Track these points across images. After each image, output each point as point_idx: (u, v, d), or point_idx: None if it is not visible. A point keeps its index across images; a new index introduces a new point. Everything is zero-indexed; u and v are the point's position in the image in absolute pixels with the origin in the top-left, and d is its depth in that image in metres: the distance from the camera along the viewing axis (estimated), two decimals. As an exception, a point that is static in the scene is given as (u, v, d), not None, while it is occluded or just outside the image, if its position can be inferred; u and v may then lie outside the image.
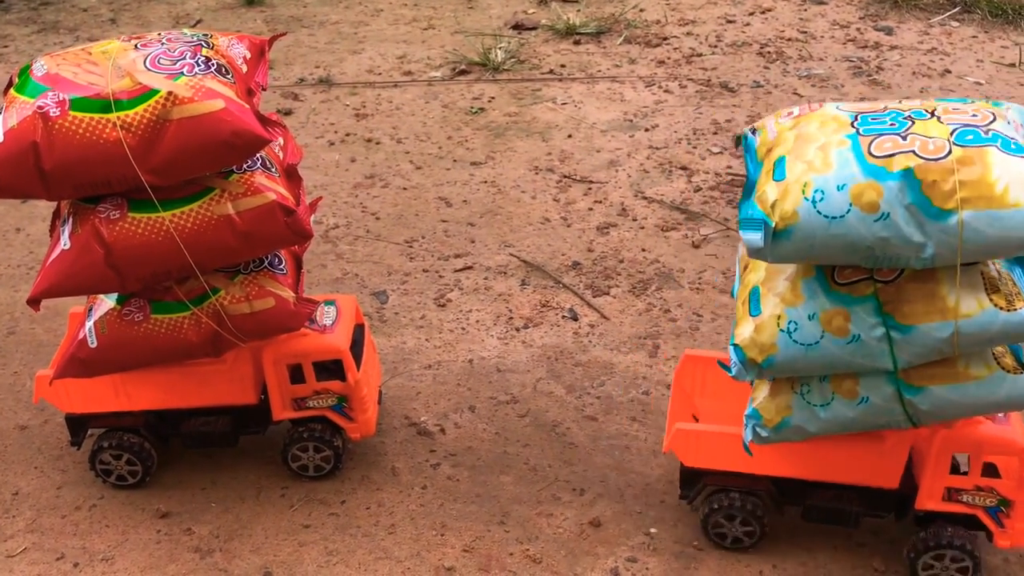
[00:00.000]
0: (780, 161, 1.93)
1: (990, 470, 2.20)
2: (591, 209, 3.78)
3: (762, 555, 2.40)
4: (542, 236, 3.64)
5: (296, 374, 2.48)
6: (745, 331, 2.04)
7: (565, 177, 3.98)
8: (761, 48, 5.02)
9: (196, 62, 2.15)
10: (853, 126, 1.91)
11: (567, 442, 2.75)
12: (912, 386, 2.02)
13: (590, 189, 3.91)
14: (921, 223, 1.83)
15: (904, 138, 1.87)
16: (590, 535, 2.47)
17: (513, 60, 4.89)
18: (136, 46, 2.20)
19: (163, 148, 2.08)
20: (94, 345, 2.32)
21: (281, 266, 2.40)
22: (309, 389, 2.48)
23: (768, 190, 1.90)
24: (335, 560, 2.40)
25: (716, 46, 5.06)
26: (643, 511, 2.53)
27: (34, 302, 2.27)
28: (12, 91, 2.17)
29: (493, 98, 4.59)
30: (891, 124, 1.90)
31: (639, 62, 4.93)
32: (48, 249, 2.28)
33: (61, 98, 2.09)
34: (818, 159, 1.88)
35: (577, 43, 5.12)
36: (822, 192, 1.85)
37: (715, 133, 4.28)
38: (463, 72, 4.81)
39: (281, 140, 2.43)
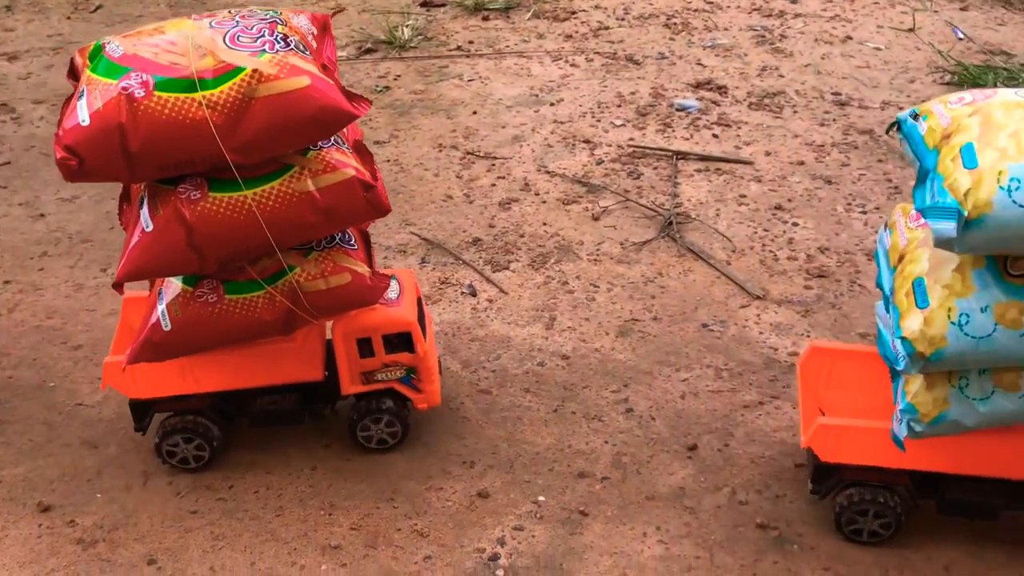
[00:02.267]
0: (968, 148, 1.87)
1: None
2: (494, 185, 3.79)
3: (647, 518, 2.45)
4: (444, 213, 3.63)
5: (365, 348, 2.48)
6: (913, 323, 1.98)
7: (469, 154, 3.98)
8: (667, 20, 5.05)
9: (275, 39, 2.15)
10: None
11: (460, 416, 2.76)
12: None
13: (493, 165, 3.91)
14: None
15: None
16: (478, 506, 2.49)
17: (420, 38, 4.86)
18: (211, 24, 2.20)
19: (248, 126, 2.08)
20: (168, 328, 2.31)
21: (352, 242, 2.41)
22: (379, 362, 2.49)
23: (960, 178, 1.84)
24: (221, 544, 2.39)
25: (623, 19, 5.07)
26: (532, 480, 2.56)
27: (118, 285, 2.28)
28: (89, 72, 2.14)
29: (399, 76, 4.56)
30: None
31: (547, 37, 4.92)
32: (128, 233, 2.27)
33: (145, 79, 2.08)
34: (1011, 147, 1.84)
35: (486, 19, 5.10)
36: (1018, 181, 1.80)
37: (619, 106, 4.30)
38: (369, 51, 4.77)
39: None
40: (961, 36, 4.84)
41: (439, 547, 2.38)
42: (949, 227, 1.83)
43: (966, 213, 1.82)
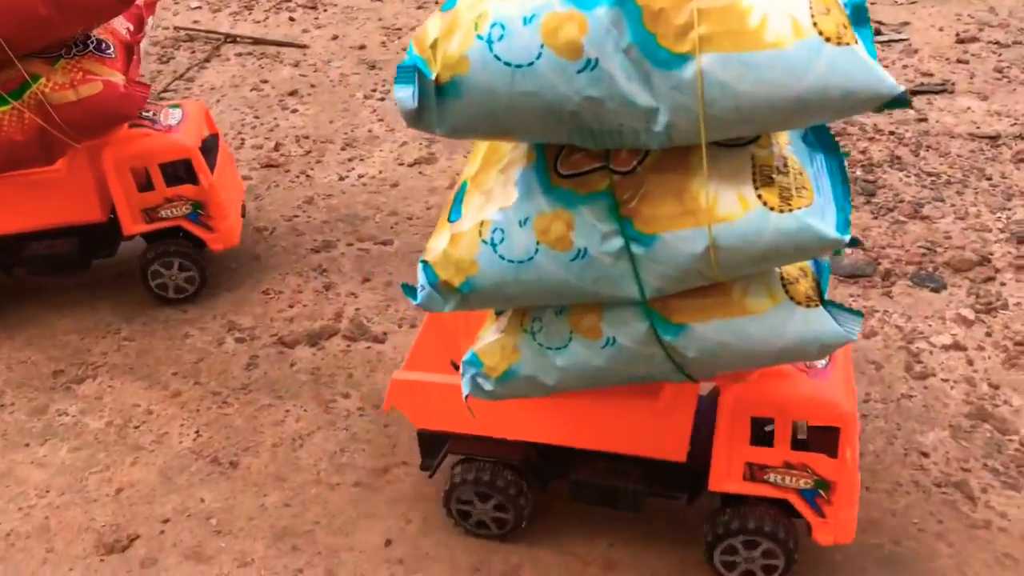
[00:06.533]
0: None
1: (803, 443, 1.53)
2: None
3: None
4: None
5: (142, 179, 2.29)
6: (438, 244, 1.46)
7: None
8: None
9: None
10: None
11: None
12: (670, 323, 1.42)
13: None
14: (647, 75, 1.23)
15: None
16: None
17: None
18: None
19: None
20: None
21: (110, 51, 2.23)
22: (159, 196, 2.29)
23: (428, 25, 1.31)
24: None
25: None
26: None
27: None
28: None
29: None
30: None
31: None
32: None
33: None
34: None
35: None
36: (502, 27, 1.24)
37: None
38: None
39: None
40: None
41: None
42: (407, 94, 1.27)
43: (433, 74, 1.27)
